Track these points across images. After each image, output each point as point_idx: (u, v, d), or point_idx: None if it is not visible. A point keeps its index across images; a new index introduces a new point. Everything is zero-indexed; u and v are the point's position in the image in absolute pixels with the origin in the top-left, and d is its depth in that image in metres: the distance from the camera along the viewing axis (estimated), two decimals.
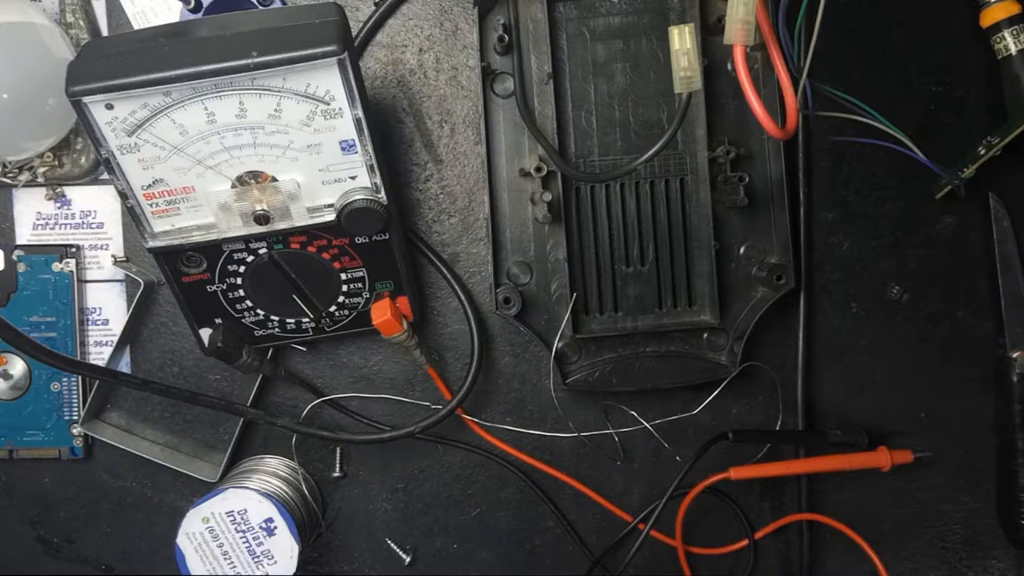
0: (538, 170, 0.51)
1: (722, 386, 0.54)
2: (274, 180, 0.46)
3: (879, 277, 0.57)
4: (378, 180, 0.46)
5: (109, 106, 0.41)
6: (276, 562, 0.53)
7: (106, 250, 0.56)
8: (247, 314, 0.52)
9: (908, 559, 0.59)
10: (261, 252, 0.49)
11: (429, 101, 0.56)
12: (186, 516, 0.53)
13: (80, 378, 0.56)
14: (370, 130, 0.44)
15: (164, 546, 0.56)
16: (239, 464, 0.58)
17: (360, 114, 0.43)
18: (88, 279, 0.57)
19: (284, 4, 0.53)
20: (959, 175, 0.53)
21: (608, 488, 0.58)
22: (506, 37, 0.51)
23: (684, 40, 0.41)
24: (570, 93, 0.53)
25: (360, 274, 0.51)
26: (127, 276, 0.56)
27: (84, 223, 0.56)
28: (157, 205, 0.46)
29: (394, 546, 0.59)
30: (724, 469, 0.54)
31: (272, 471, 0.56)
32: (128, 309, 0.56)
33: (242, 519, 0.52)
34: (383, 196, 0.47)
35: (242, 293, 0.50)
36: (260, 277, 0.50)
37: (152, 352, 0.57)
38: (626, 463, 0.58)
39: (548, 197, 0.51)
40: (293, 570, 0.53)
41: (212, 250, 0.48)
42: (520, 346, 0.57)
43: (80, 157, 0.55)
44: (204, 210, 0.46)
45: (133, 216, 0.46)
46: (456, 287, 0.55)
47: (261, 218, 0.46)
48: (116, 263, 0.56)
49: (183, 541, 0.53)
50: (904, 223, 0.57)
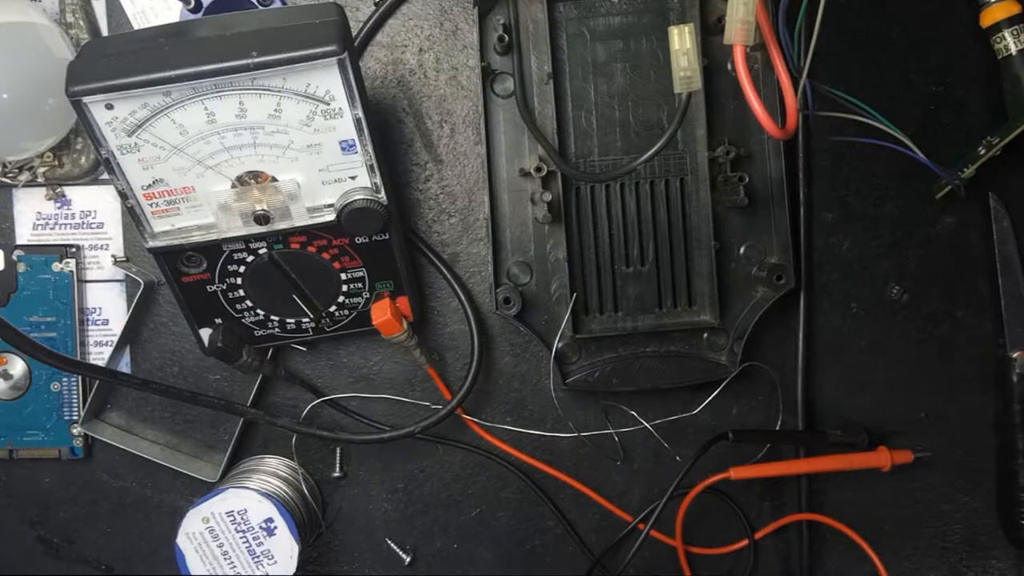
0: (538, 170, 0.52)
1: (722, 386, 0.54)
2: (274, 180, 0.46)
3: (879, 277, 0.57)
4: (378, 180, 0.46)
5: (109, 106, 0.41)
6: (276, 562, 0.53)
7: (106, 250, 0.56)
8: (247, 314, 0.52)
9: (908, 559, 0.59)
10: (261, 252, 0.49)
11: (429, 101, 0.56)
12: (186, 516, 0.53)
13: (80, 378, 0.56)
14: (370, 130, 0.44)
15: (164, 546, 0.56)
16: (239, 464, 0.58)
17: (360, 114, 0.43)
18: (88, 279, 0.57)
19: (284, 4, 0.53)
20: (959, 175, 0.53)
21: (608, 488, 0.58)
22: (506, 37, 0.51)
23: (684, 40, 0.41)
24: (570, 93, 0.53)
25: (360, 274, 0.51)
26: (127, 276, 0.56)
27: (84, 223, 0.56)
28: (157, 205, 0.46)
29: (394, 546, 0.59)
30: (724, 469, 0.54)
31: (272, 471, 0.56)
32: (128, 309, 0.56)
33: (242, 519, 0.52)
34: (383, 196, 0.47)
35: (242, 293, 0.50)
36: (260, 277, 0.50)
37: (152, 352, 0.57)
38: (626, 463, 0.58)
39: (548, 197, 0.51)
40: (293, 570, 0.53)
41: (212, 250, 0.48)
42: (520, 346, 0.57)
43: (80, 157, 0.55)
44: (204, 210, 0.46)
45: (133, 216, 0.46)
46: (456, 287, 0.55)
47: (261, 218, 0.46)
48: (116, 263, 0.56)
49: (183, 541, 0.53)
50: (904, 223, 0.57)
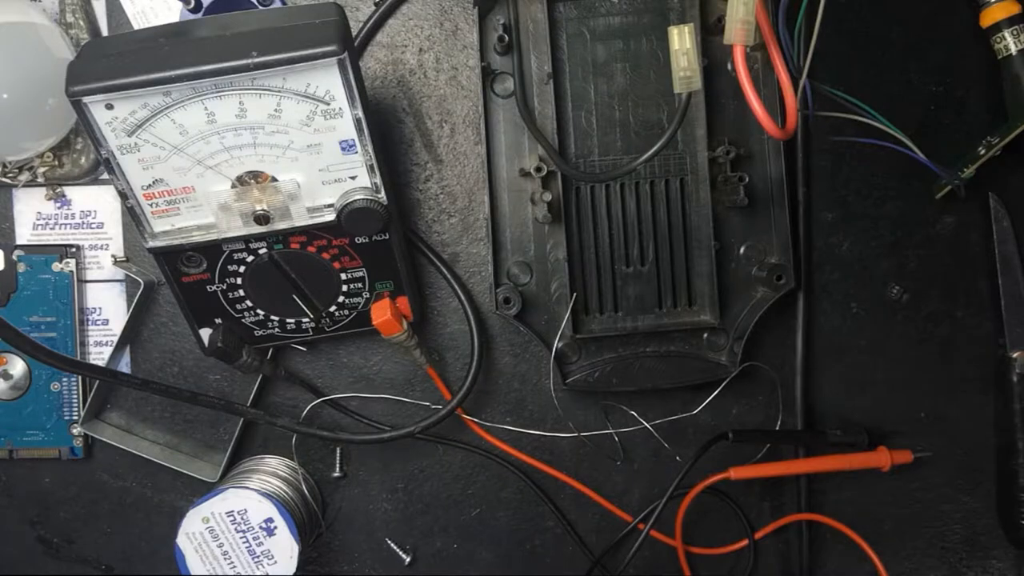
0: (538, 170, 0.51)
1: (722, 386, 0.54)
2: (274, 180, 0.46)
3: (879, 277, 0.57)
4: (378, 180, 0.46)
5: (109, 106, 0.41)
6: (276, 562, 0.53)
7: (106, 250, 0.56)
8: (247, 314, 0.52)
9: (908, 559, 0.59)
10: (261, 252, 0.49)
11: (429, 101, 0.56)
12: (186, 516, 0.53)
13: (80, 378, 0.56)
14: (370, 130, 0.44)
15: (164, 546, 0.56)
16: (239, 464, 0.58)
17: (360, 114, 0.43)
18: (88, 279, 0.57)
19: (284, 4, 0.53)
20: (959, 175, 0.53)
21: (608, 488, 0.58)
22: (506, 37, 0.51)
23: (684, 40, 0.41)
24: (570, 93, 0.53)
25: (360, 274, 0.51)
26: (127, 276, 0.56)
27: (84, 223, 0.56)
28: (157, 205, 0.46)
29: (394, 546, 0.59)
30: (724, 469, 0.54)
31: (272, 471, 0.56)
32: (128, 309, 0.56)
33: (242, 519, 0.52)
34: (383, 196, 0.47)
35: (242, 293, 0.50)
36: (260, 277, 0.50)
37: (152, 352, 0.57)
38: (626, 463, 0.58)
39: (548, 197, 0.51)
40: (293, 570, 0.53)
41: (212, 250, 0.48)
42: (520, 346, 0.57)
43: (80, 157, 0.55)
44: (204, 210, 0.46)
45: (133, 216, 0.46)
46: (456, 287, 0.55)
47: (261, 218, 0.46)
48: (116, 263, 0.56)
49: (183, 541, 0.53)
50: (904, 223, 0.57)
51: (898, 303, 0.57)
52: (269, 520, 0.53)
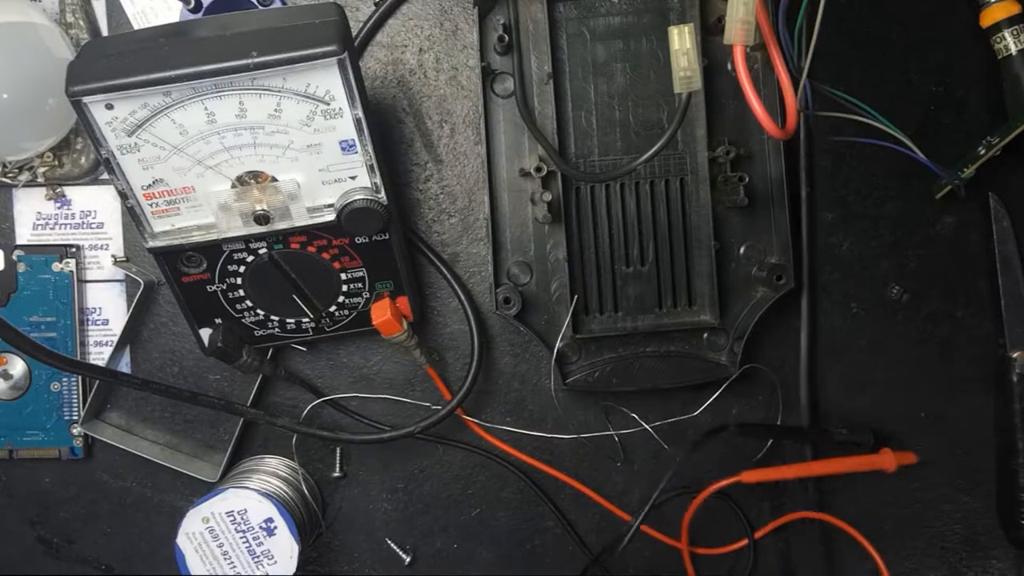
0: (538, 170, 0.51)
1: (723, 388, 0.54)
2: (274, 180, 0.46)
3: (879, 277, 0.57)
4: (378, 180, 0.46)
5: (109, 106, 0.41)
6: (276, 562, 0.53)
7: (106, 250, 0.56)
8: (247, 314, 0.52)
9: (908, 559, 0.59)
10: (261, 252, 0.49)
11: (429, 101, 0.56)
12: (186, 516, 0.53)
13: (80, 378, 0.56)
14: (370, 130, 0.44)
15: (164, 546, 0.56)
16: (239, 464, 0.58)
17: (360, 114, 0.43)
18: (88, 279, 0.57)
19: (284, 4, 0.53)
20: (959, 175, 0.53)
21: (608, 488, 0.58)
22: (506, 37, 0.51)
23: (684, 40, 0.41)
24: (570, 93, 0.53)
25: (360, 274, 0.51)
26: (127, 276, 0.56)
27: (84, 223, 0.56)
28: (157, 205, 0.46)
29: (394, 546, 0.59)
30: (725, 470, 0.54)
31: (272, 471, 0.56)
32: (128, 309, 0.56)
33: (242, 519, 0.52)
34: (383, 196, 0.47)
35: (242, 293, 0.50)
36: (260, 277, 0.50)
37: (152, 352, 0.57)
38: (626, 463, 0.58)
39: (548, 197, 0.51)
40: (293, 570, 0.53)
41: (212, 250, 0.48)
42: (520, 346, 0.57)
43: (80, 157, 0.54)
44: (204, 210, 0.46)
45: (133, 216, 0.46)
46: (456, 287, 0.55)
47: (261, 218, 0.46)
48: (116, 263, 0.56)
49: (183, 541, 0.53)
50: (904, 223, 0.57)
51: (898, 303, 0.57)
52: (269, 520, 0.53)
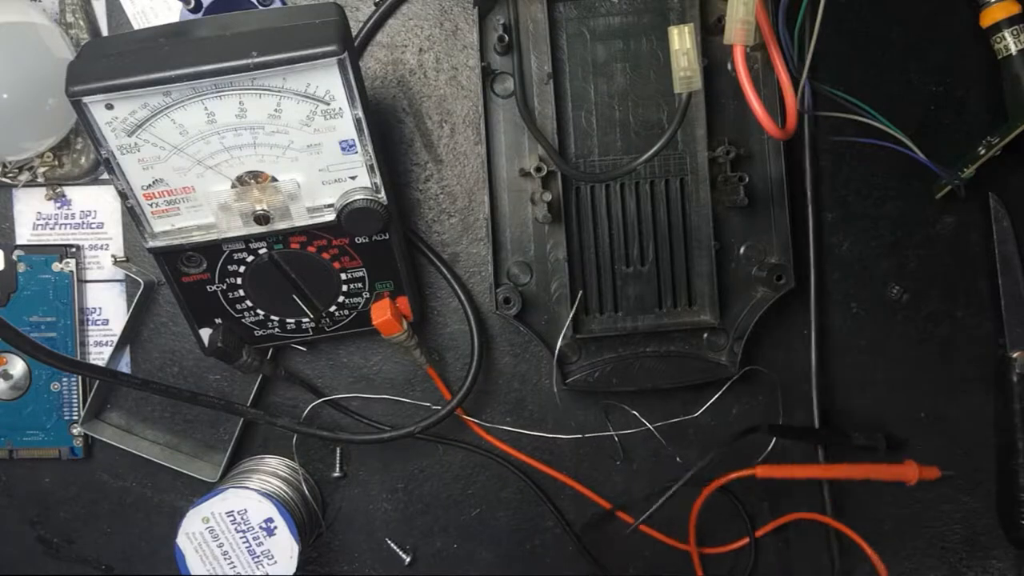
0: (538, 170, 0.51)
1: (723, 389, 0.54)
2: (274, 180, 0.46)
3: (879, 277, 0.57)
4: (378, 180, 0.46)
5: (109, 106, 0.41)
6: (276, 562, 0.53)
7: (106, 250, 0.56)
8: (247, 314, 0.52)
9: (908, 559, 0.59)
10: (261, 252, 0.49)
11: (429, 101, 0.56)
12: (186, 516, 0.53)
13: (80, 378, 0.56)
14: (370, 130, 0.44)
15: (164, 546, 0.56)
16: (239, 464, 0.58)
17: (360, 114, 0.43)
18: (88, 279, 0.57)
19: (284, 4, 0.53)
20: (959, 175, 0.53)
21: (608, 488, 0.58)
22: (506, 37, 0.51)
23: (684, 40, 0.41)
24: (570, 93, 0.53)
25: (360, 274, 0.51)
26: (127, 276, 0.56)
27: (84, 223, 0.56)
28: (157, 205, 0.46)
29: (394, 546, 0.59)
30: (724, 471, 0.54)
31: (272, 471, 0.56)
32: (128, 309, 0.56)
33: (242, 519, 0.52)
34: (383, 196, 0.47)
35: (242, 293, 0.50)
36: (260, 277, 0.50)
37: (152, 352, 0.57)
38: (626, 463, 0.58)
39: (548, 197, 0.51)
40: (293, 570, 0.53)
41: (212, 250, 0.48)
42: (520, 346, 0.57)
43: (80, 157, 0.54)
44: (204, 210, 0.46)
45: (133, 216, 0.46)
46: (456, 287, 0.55)
47: (261, 218, 0.46)
48: (116, 263, 0.56)
49: (183, 541, 0.53)
50: (904, 223, 0.57)
51: (898, 303, 0.57)
52: (269, 520, 0.53)
